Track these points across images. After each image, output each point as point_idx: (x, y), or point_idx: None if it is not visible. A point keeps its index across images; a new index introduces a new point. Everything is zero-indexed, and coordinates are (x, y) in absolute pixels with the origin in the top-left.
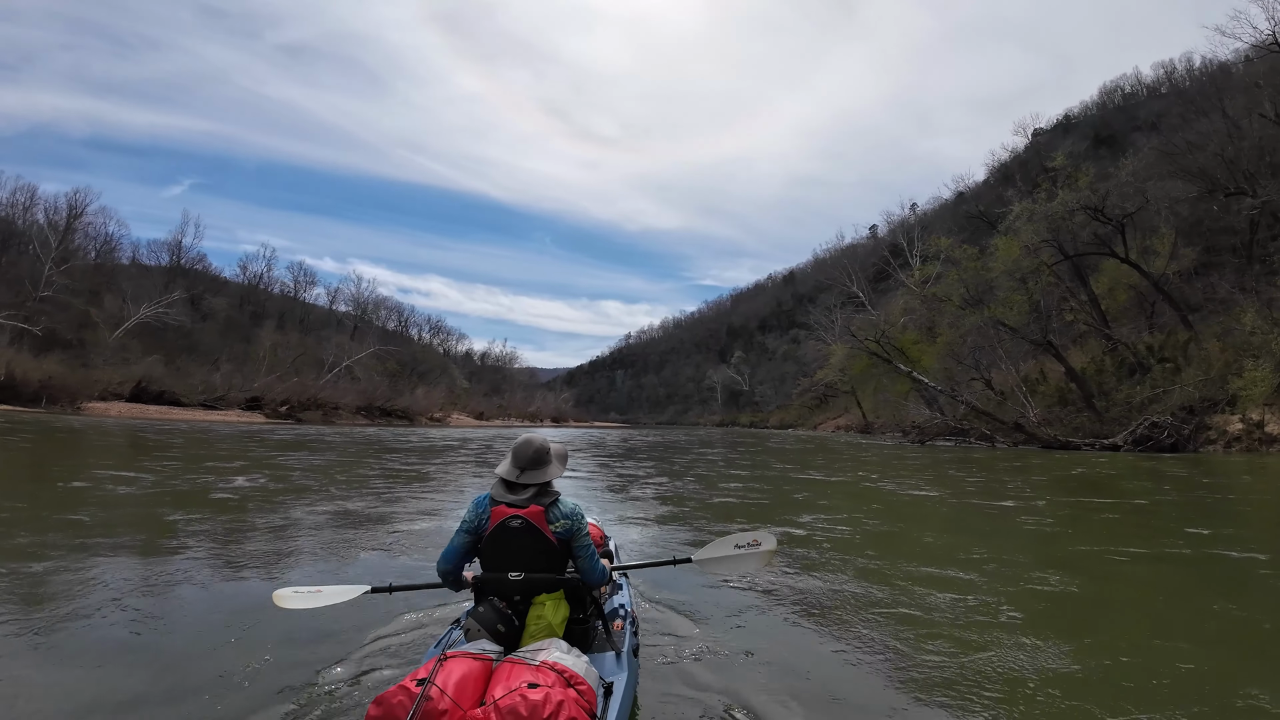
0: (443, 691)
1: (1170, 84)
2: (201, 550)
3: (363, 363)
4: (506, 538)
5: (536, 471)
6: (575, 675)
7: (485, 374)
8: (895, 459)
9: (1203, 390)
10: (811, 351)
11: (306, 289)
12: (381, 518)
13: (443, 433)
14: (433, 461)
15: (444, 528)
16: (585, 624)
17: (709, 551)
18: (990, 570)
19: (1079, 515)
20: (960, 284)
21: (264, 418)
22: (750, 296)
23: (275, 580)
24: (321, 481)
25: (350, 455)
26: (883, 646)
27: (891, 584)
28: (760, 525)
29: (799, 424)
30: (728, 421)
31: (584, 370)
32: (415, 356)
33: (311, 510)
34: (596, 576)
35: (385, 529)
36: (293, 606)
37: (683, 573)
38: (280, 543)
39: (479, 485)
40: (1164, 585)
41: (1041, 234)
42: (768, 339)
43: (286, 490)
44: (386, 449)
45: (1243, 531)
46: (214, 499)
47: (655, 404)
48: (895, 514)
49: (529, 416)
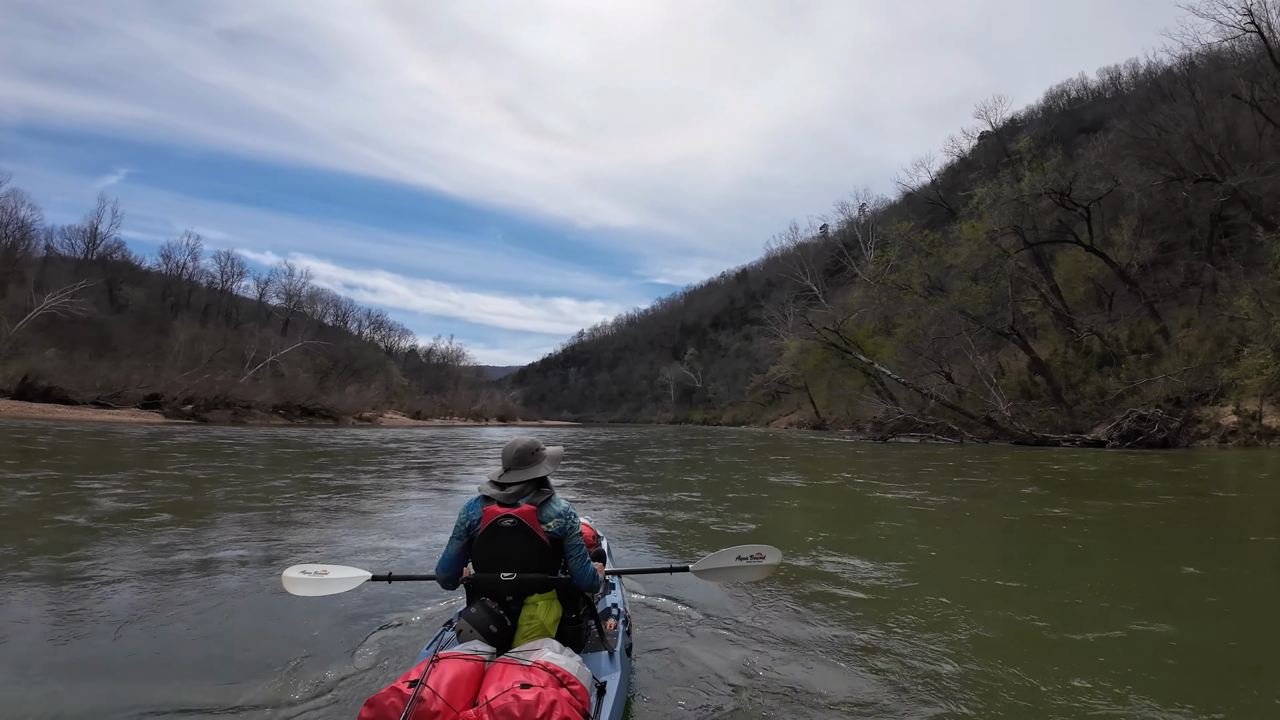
0: (435, 693)
1: (1115, 89)
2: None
3: (289, 358)
4: (499, 538)
5: (522, 470)
6: (568, 675)
7: (429, 371)
8: (862, 458)
9: (1189, 381)
10: (764, 348)
11: (235, 280)
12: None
13: (375, 434)
14: (325, 472)
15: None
16: (578, 624)
17: (709, 562)
18: (1013, 585)
19: (1113, 525)
20: (921, 271)
21: (162, 418)
22: (704, 294)
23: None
24: (157, 503)
25: (242, 463)
26: (884, 648)
27: (893, 587)
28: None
29: (751, 421)
30: (681, 419)
31: (536, 368)
32: (350, 352)
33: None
34: (587, 580)
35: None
36: (299, 593)
37: (677, 576)
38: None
39: (395, 513)
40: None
41: (1006, 219)
42: (721, 336)
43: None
44: (284, 455)
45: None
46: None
47: (608, 402)
48: (885, 517)
49: (473, 416)
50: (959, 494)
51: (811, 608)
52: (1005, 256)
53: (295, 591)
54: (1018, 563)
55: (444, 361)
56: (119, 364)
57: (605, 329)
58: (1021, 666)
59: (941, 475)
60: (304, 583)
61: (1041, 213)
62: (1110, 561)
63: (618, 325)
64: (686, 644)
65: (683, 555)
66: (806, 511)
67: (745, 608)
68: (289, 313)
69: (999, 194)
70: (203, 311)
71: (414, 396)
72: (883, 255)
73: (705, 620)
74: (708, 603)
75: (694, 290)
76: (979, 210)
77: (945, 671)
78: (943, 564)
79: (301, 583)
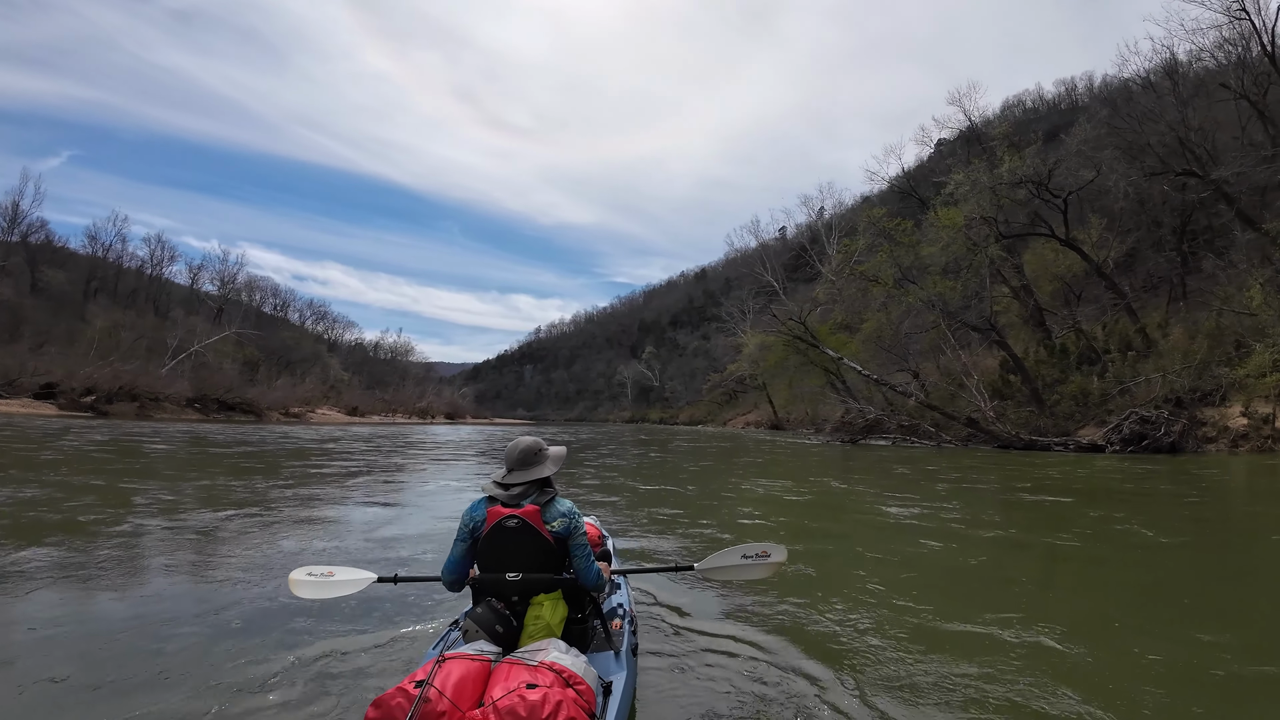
0: (441, 693)
1: (1070, 100)
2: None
3: (217, 348)
4: (503, 538)
5: (525, 471)
6: (574, 675)
7: (374, 366)
8: (837, 462)
9: (1188, 379)
10: (722, 346)
11: (166, 265)
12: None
13: (301, 431)
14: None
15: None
16: (584, 624)
17: (714, 561)
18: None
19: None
20: (893, 261)
21: (56, 410)
22: (663, 293)
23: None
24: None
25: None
26: (886, 650)
27: (896, 590)
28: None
29: (708, 420)
30: (638, 418)
31: (491, 365)
32: (285, 344)
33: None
34: (592, 579)
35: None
36: (306, 595)
37: (682, 575)
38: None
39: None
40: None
41: (985, 208)
42: (679, 335)
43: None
44: (152, 454)
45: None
46: None
47: (564, 400)
48: (892, 531)
49: (419, 413)
50: (958, 502)
51: (817, 609)
52: (984, 245)
53: (301, 594)
54: (1053, 591)
55: (392, 356)
56: (17, 351)
57: (563, 326)
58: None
59: (930, 481)
60: (310, 585)
61: (1017, 204)
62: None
63: (575, 323)
64: (692, 644)
65: (687, 555)
66: (804, 518)
67: (751, 607)
68: (222, 300)
69: (975, 180)
70: (128, 297)
71: (353, 392)
72: (851, 244)
73: (711, 620)
74: (713, 602)
75: (653, 289)
76: (954, 198)
77: (952, 678)
78: (956, 578)
79: (307, 585)
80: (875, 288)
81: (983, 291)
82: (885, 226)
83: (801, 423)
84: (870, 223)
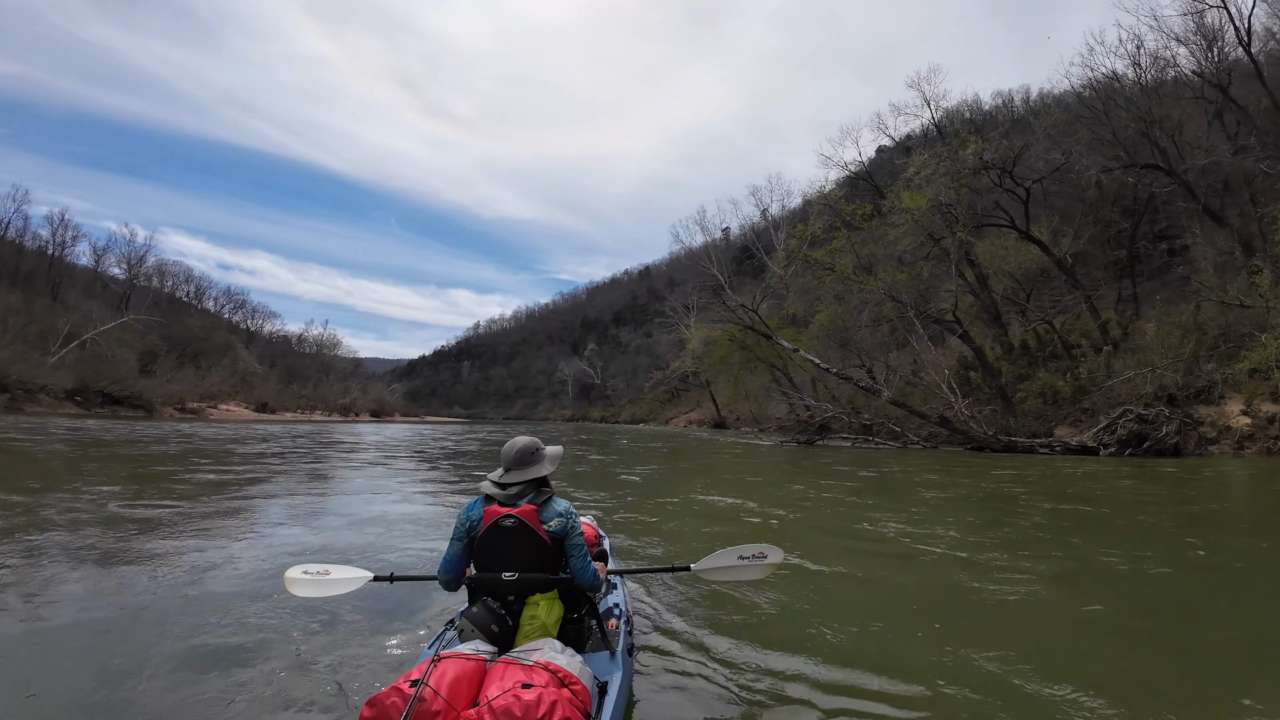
0: (436, 692)
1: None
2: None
3: (113, 336)
4: (500, 537)
5: (522, 470)
6: (569, 675)
7: (295, 360)
8: (802, 466)
9: (1178, 375)
10: (665, 343)
11: (70, 246)
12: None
13: (199, 430)
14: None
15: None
16: (580, 623)
17: (710, 561)
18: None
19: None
20: (851, 248)
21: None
22: (606, 289)
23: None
24: None
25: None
26: (885, 651)
27: (901, 599)
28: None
29: (650, 419)
30: (579, 416)
31: (426, 361)
32: (193, 333)
33: None
34: (588, 579)
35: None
36: (301, 594)
37: (679, 576)
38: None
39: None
40: None
41: (947, 193)
42: (622, 332)
43: None
44: None
45: None
46: None
47: (503, 398)
48: (879, 541)
49: (341, 410)
50: (962, 514)
51: (813, 611)
52: (953, 227)
53: (297, 592)
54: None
55: (318, 350)
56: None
57: (503, 321)
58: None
59: (913, 488)
60: (306, 583)
61: (977, 192)
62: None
63: (516, 318)
64: (688, 644)
65: (683, 556)
66: (802, 524)
67: (747, 608)
68: (129, 285)
69: (940, 161)
70: (26, 279)
71: (266, 386)
72: (804, 229)
73: (707, 620)
74: (710, 603)
75: (597, 286)
76: (915, 182)
77: (955, 679)
78: (973, 601)
79: (303, 583)
80: (828, 278)
81: (945, 282)
82: (843, 210)
83: (745, 421)
84: (826, 205)
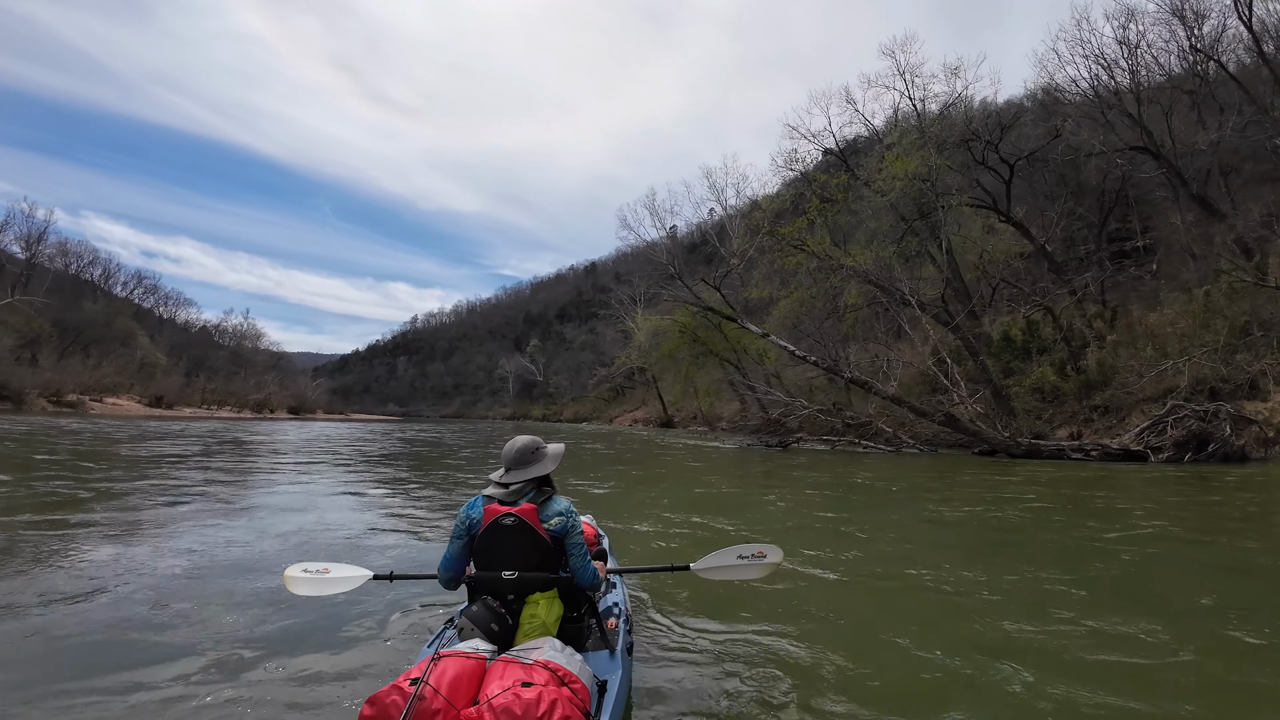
0: (436, 691)
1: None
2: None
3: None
4: (500, 536)
5: (523, 469)
6: (569, 674)
7: (208, 352)
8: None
9: (1215, 369)
10: (610, 339)
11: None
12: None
13: (67, 424)
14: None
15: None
16: (579, 622)
17: (710, 561)
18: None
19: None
20: (825, 224)
21: None
22: (550, 285)
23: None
24: None
25: None
26: (884, 652)
27: (902, 596)
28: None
29: (594, 417)
30: (520, 414)
31: (360, 356)
32: (90, 318)
33: None
34: (588, 578)
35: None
36: (301, 593)
37: (678, 575)
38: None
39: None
40: None
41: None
42: (566, 328)
43: None
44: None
45: None
46: None
47: (441, 395)
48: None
49: (254, 406)
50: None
51: (813, 612)
52: (945, 197)
53: (297, 590)
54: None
55: (237, 342)
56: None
57: (442, 316)
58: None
59: (925, 501)
60: (305, 581)
61: (960, 169)
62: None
63: (456, 313)
64: (687, 643)
65: (682, 555)
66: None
67: (746, 607)
68: (25, 265)
69: (920, 132)
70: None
71: (167, 379)
72: (771, 201)
73: (706, 620)
74: (709, 602)
75: (541, 281)
76: (896, 150)
77: (956, 679)
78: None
79: (303, 581)
80: (799, 257)
81: (925, 265)
82: (816, 179)
83: (694, 420)
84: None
